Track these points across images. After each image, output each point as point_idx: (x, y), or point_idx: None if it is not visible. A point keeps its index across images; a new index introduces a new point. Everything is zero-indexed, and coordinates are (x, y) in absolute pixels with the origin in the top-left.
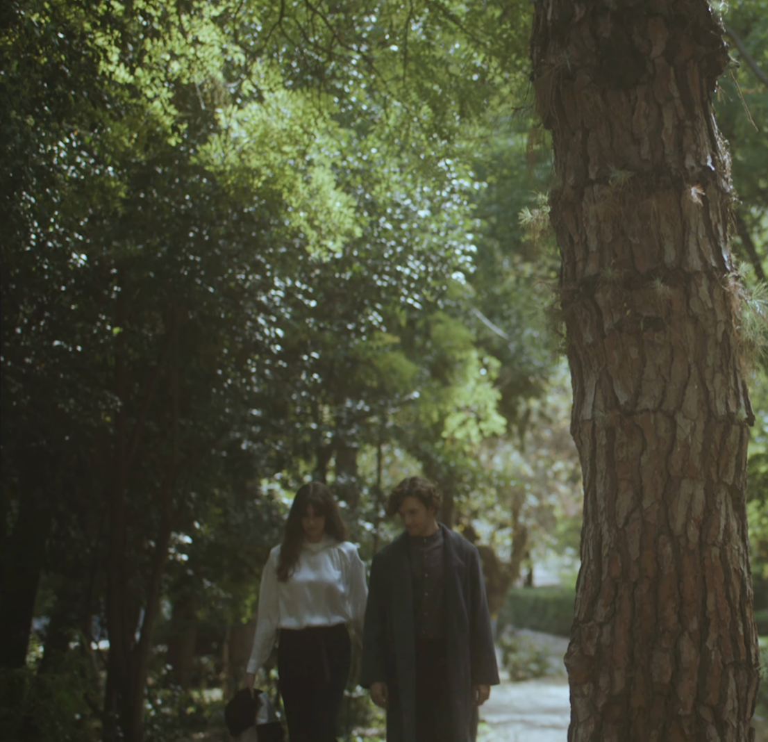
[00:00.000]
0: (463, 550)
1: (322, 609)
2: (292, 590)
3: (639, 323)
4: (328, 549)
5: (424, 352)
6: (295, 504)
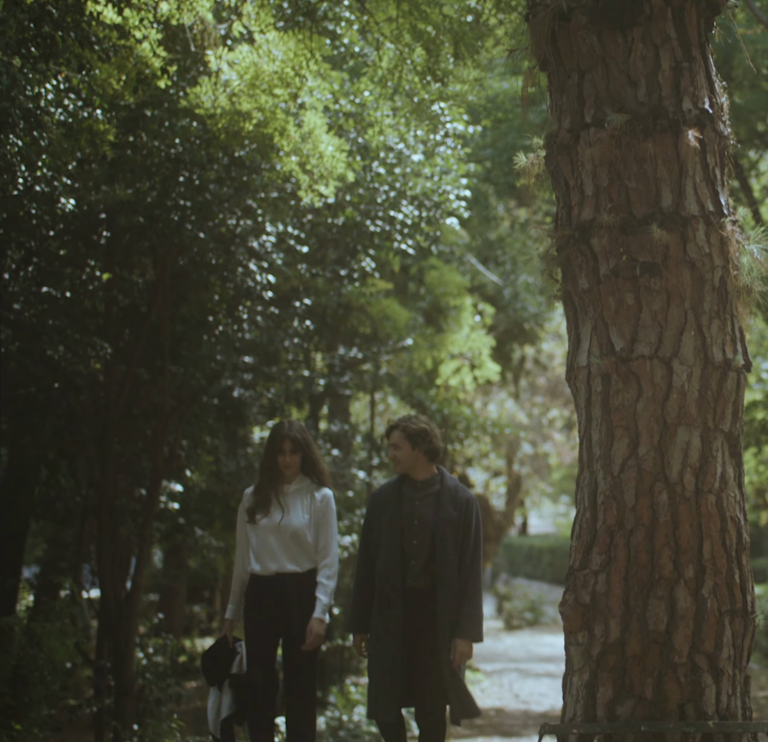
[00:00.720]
0: (458, 499)
1: (292, 555)
2: (259, 533)
3: (635, 269)
4: (302, 491)
5: (418, 299)
6: (270, 441)
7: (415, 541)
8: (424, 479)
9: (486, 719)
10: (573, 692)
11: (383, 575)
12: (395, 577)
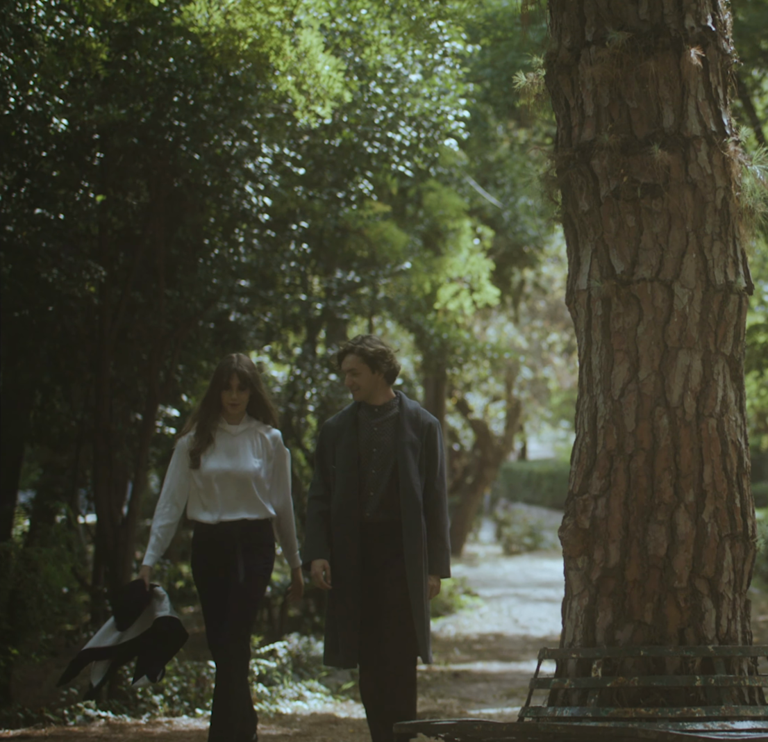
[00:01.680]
0: (420, 423)
1: (240, 502)
2: (204, 479)
3: (636, 190)
4: (249, 433)
5: (416, 222)
6: (216, 376)
7: (374, 470)
8: (382, 403)
9: (485, 645)
10: (572, 617)
11: (339, 510)
12: (353, 511)
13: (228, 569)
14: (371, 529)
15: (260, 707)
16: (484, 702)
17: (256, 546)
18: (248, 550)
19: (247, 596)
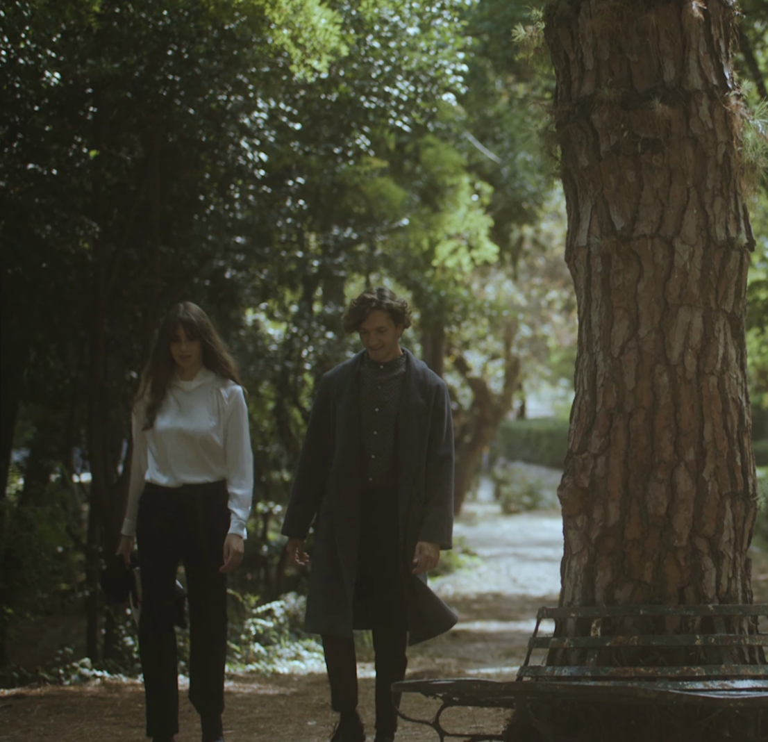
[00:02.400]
0: (427, 385)
1: (196, 463)
2: (157, 440)
3: (636, 145)
4: (205, 389)
5: (414, 178)
6: (163, 328)
7: (375, 431)
8: (389, 361)
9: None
10: (571, 576)
11: (340, 471)
12: (354, 475)
13: (187, 536)
14: (372, 495)
15: (257, 667)
16: (483, 662)
17: (219, 510)
18: (211, 515)
19: (215, 569)
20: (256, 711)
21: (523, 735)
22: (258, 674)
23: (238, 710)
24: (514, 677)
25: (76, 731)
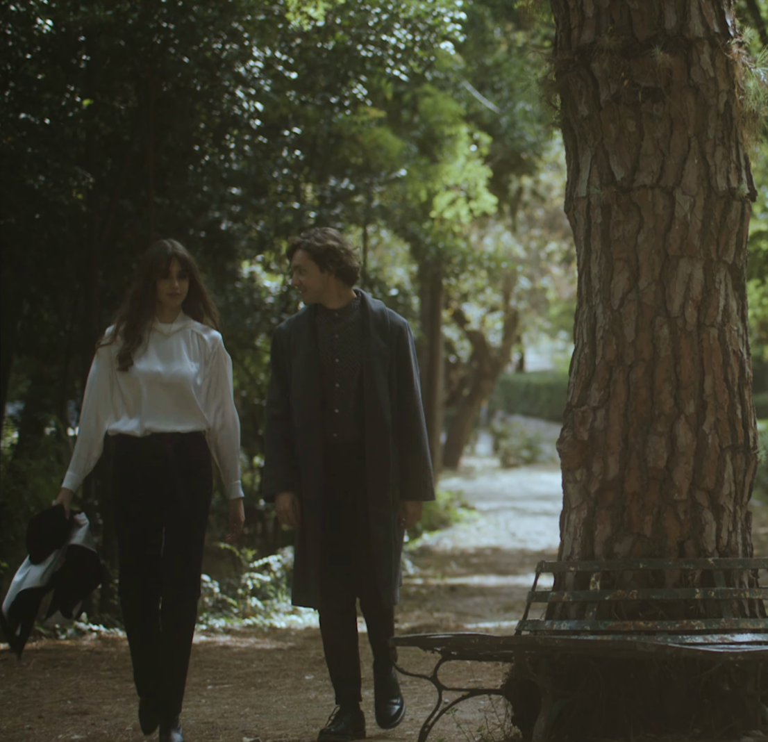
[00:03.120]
0: (388, 327)
1: (173, 412)
2: (133, 383)
3: (637, 94)
4: (185, 333)
5: (412, 128)
6: (151, 264)
7: (337, 384)
8: (342, 307)
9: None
10: (570, 530)
11: (301, 431)
12: (315, 432)
13: (161, 495)
14: (338, 451)
15: (254, 621)
16: (481, 616)
17: (195, 466)
18: (186, 471)
19: (192, 522)
20: (254, 665)
21: (522, 689)
22: (255, 628)
23: (235, 665)
24: (513, 632)
25: (72, 685)
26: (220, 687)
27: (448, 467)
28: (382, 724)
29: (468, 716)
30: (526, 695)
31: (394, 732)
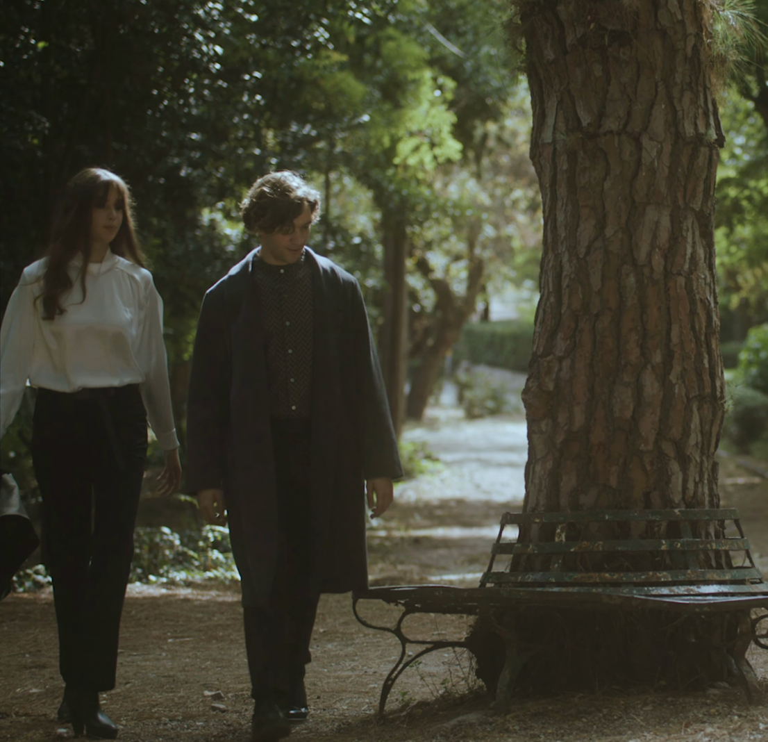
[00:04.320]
0: (340, 284)
1: (106, 364)
2: (60, 333)
3: (604, 37)
4: (116, 274)
5: (374, 72)
6: (84, 191)
7: (290, 350)
8: (288, 263)
9: (446, 510)
10: (535, 481)
11: (243, 406)
12: (260, 406)
13: (91, 453)
14: (294, 427)
15: (216, 574)
16: (445, 568)
17: (129, 420)
18: (120, 426)
19: (126, 482)
20: (215, 618)
21: (486, 642)
22: (216, 581)
23: (196, 618)
24: (477, 584)
25: (30, 639)
26: (181, 640)
27: (412, 417)
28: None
29: (432, 669)
30: (491, 648)
31: (357, 686)
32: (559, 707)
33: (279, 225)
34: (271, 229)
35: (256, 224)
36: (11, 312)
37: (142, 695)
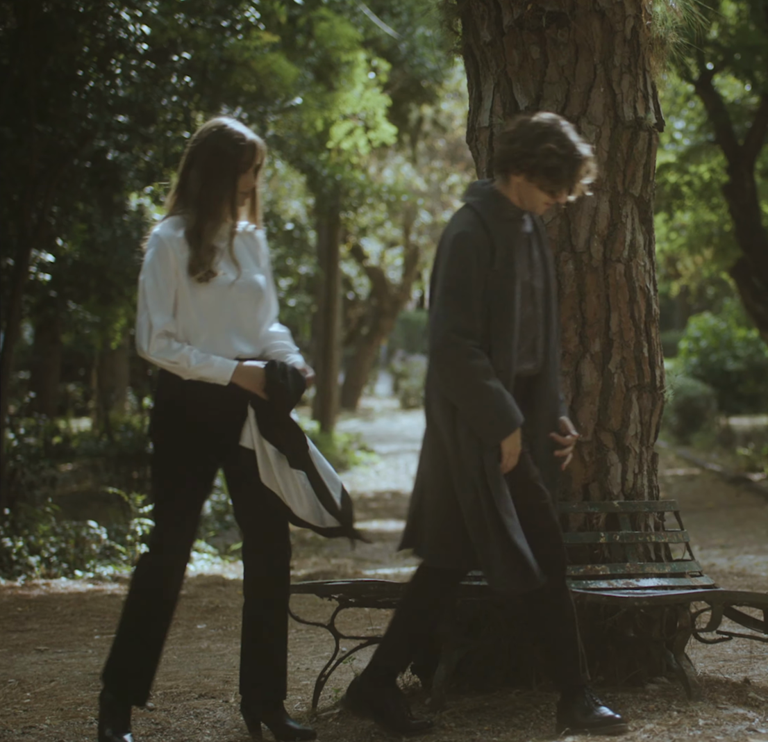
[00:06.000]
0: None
1: (249, 331)
2: (207, 301)
3: (541, 19)
4: (245, 237)
5: (307, 54)
6: (229, 151)
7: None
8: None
9: (381, 503)
10: None
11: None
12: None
13: (229, 441)
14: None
15: None
16: (380, 562)
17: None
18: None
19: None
20: None
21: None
22: None
23: None
24: None
25: None
26: (108, 637)
27: (347, 408)
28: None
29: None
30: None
31: (289, 682)
32: (496, 704)
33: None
34: (559, 187)
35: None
36: (152, 271)
37: (68, 694)
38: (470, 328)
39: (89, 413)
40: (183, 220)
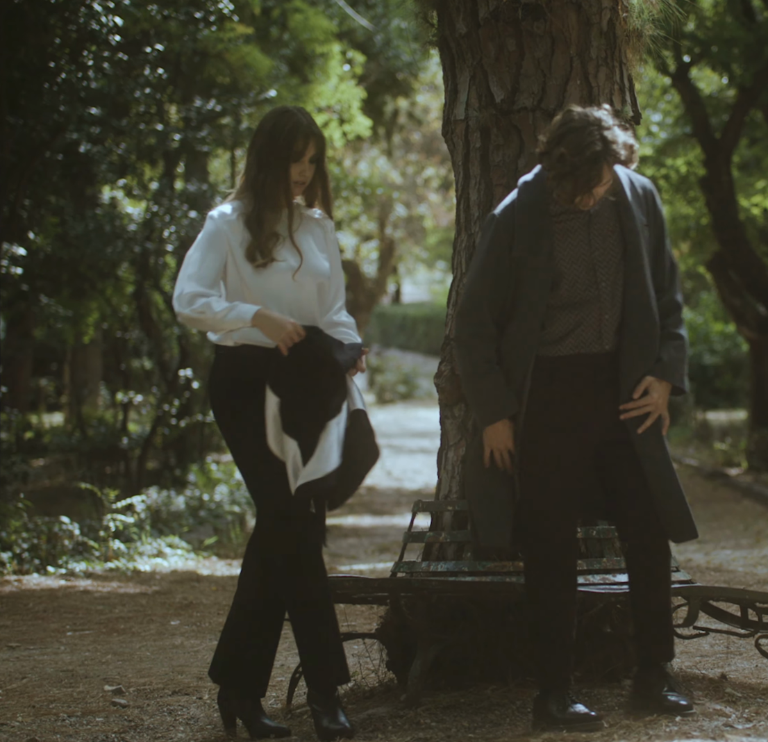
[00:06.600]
0: None
1: (308, 319)
2: (264, 287)
3: (517, 11)
4: (309, 223)
5: (281, 46)
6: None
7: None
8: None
9: (356, 498)
10: (448, 468)
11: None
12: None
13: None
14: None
15: (117, 565)
16: (356, 558)
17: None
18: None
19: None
20: (116, 611)
21: (397, 633)
22: (118, 572)
23: (96, 610)
24: (388, 574)
25: None
26: (81, 634)
27: None
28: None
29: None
30: (402, 640)
31: None
32: (472, 700)
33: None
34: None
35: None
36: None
37: (40, 691)
38: (473, 309)
39: (62, 407)
40: (241, 205)
